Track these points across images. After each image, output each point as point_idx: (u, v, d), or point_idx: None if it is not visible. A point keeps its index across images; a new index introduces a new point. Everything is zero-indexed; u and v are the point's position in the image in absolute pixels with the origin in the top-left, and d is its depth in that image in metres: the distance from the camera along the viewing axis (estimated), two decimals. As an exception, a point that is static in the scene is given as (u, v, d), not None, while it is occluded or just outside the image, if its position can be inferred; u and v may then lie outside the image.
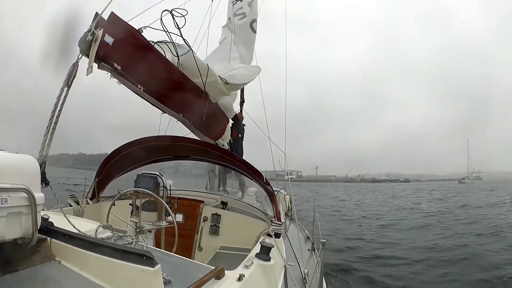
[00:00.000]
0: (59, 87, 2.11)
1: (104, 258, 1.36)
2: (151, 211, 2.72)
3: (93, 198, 3.77)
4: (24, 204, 1.29)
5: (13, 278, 1.25)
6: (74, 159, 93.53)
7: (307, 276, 3.22)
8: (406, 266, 7.97)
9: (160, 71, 2.94)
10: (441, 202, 27.06)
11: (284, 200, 6.10)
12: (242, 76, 4.24)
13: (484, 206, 21.71)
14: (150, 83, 2.91)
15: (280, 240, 2.99)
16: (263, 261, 2.20)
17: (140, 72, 2.76)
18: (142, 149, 3.84)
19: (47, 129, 2.04)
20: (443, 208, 21.11)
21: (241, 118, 6.84)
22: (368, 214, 19.49)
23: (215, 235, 4.02)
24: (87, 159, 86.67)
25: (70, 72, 2.13)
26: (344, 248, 9.67)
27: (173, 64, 3.04)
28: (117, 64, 2.54)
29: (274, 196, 3.88)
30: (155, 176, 2.80)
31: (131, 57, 2.66)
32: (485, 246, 9.47)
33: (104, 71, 2.56)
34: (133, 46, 2.67)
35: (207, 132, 4.33)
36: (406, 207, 23.52)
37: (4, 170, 1.26)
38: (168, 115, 3.64)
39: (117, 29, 2.44)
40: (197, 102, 3.49)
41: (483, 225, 13.30)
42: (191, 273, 1.60)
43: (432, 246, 9.90)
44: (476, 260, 8.05)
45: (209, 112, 3.74)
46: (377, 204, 26.93)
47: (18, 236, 1.30)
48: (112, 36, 2.39)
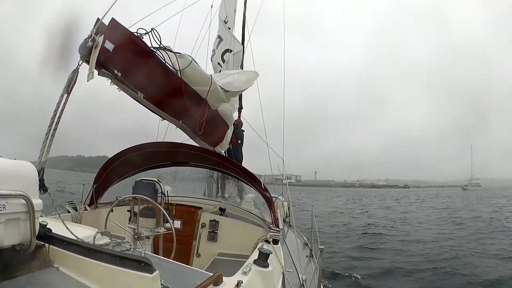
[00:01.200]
0: (59, 93, 2.11)
1: (102, 264, 1.36)
2: (149, 217, 2.72)
3: (91, 205, 3.76)
4: (22, 210, 1.30)
5: (11, 284, 1.25)
6: (73, 161, 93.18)
7: (305, 283, 3.21)
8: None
9: (161, 78, 2.92)
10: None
11: (282, 206, 6.09)
12: (240, 82, 4.25)
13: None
14: (150, 90, 2.90)
15: (278, 246, 2.99)
16: (261, 268, 2.20)
17: (140, 79, 2.75)
18: (141, 155, 3.85)
19: (46, 135, 2.05)
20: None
21: (240, 124, 6.86)
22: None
23: (213, 241, 4.01)
24: (85, 162, 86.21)
25: (70, 78, 2.13)
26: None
27: (174, 71, 3.03)
28: (117, 71, 2.54)
29: (272, 203, 3.88)
30: (153, 182, 2.81)
31: (131, 63, 2.64)
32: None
33: (104, 77, 2.55)
34: (133, 53, 2.65)
35: (206, 139, 4.33)
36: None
37: (2, 176, 1.26)
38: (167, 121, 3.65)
39: (118, 35, 2.43)
40: (197, 109, 3.49)
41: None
42: (189, 280, 1.60)
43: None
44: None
45: (209, 119, 3.75)
46: (435, 222, 18.17)
47: (16, 243, 1.30)
48: (113, 42, 2.38)
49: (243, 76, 4.51)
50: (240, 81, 4.26)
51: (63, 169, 54.55)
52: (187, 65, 3.12)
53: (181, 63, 3.09)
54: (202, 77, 3.37)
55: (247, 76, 4.61)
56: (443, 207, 28.89)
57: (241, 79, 4.35)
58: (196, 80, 3.30)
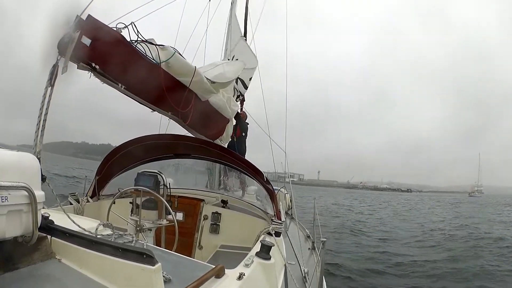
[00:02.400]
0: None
1: (104, 256, 1.35)
2: (152, 209, 2.73)
3: (94, 196, 3.77)
4: (25, 202, 1.30)
5: (13, 276, 1.25)
6: (77, 148, 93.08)
7: (307, 275, 3.22)
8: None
9: (140, 70, 3.00)
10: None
11: (284, 199, 6.10)
12: (228, 73, 4.25)
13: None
14: (130, 81, 3.00)
15: (280, 239, 2.99)
16: (263, 260, 2.20)
17: (119, 71, 2.87)
18: (143, 147, 3.85)
19: (36, 126, 2.12)
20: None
21: (245, 117, 6.86)
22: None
23: (215, 233, 4.03)
24: (89, 149, 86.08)
25: (51, 72, 2.24)
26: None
27: (155, 63, 3.10)
28: (95, 64, 2.66)
29: (274, 195, 3.88)
30: (155, 174, 2.80)
31: (109, 57, 2.75)
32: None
33: (85, 70, 2.67)
34: (111, 46, 2.74)
35: (204, 131, 4.33)
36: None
37: (4, 168, 1.26)
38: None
39: (94, 30, 2.53)
40: (185, 100, 3.53)
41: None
42: (191, 272, 1.61)
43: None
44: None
45: (202, 111, 3.77)
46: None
47: (19, 234, 1.30)
48: (90, 38, 2.48)
49: (230, 67, 4.49)
50: (228, 72, 4.25)
51: (67, 155, 54.11)
52: (169, 57, 3.21)
53: (164, 54, 3.17)
54: (186, 68, 3.43)
55: (234, 67, 4.58)
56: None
57: (229, 69, 4.34)
58: (180, 71, 3.37)
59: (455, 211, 30.40)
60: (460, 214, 26.53)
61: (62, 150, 40.20)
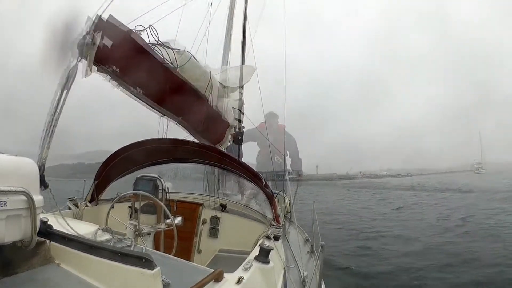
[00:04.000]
0: (55, 89, 2.11)
1: (103, 260, 1.35)
2: (150, 213, 2.73)
3: (92, 201, 3.76)
4: (23, 207, 1.30)
5: (12, 280, 1.25)
6: (73, 169, 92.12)
7: (307, 279, 3.22)
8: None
9: (159, 75, 2.93)
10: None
11: (283, 203, 6.09)
12: (238, 77, 4.26)
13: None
14: (149, 86, 2.91)
15: (279, 242, 2.99)
16: (262, 264, 2.20)
17: (139, 75, 2.75)
18: (141, 151, 3.84)
19: (46, 132, 2.05)
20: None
21: None
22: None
23: (214, 237, 4.01)
24: (86, 169, 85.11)
25: (69, 74, 2.13)
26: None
27: (173, 67, 3.03)
28: (116, 67, 2.55)
29: (273, 199, 3.88)
30: (154, 178, 2.81)
31: (129, 60, 2.64)
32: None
33: (103, 74, 2.57)
34: (132, 49, 2.65)
35: (207, 136, 4.33)
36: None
37: (3, 173, 1.26)
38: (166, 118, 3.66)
39: (116, 31, 2.43)
40: (196, 105, 3.49)
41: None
42: (190, 276, 1.60)
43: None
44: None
45: (209, 116, 3.74)
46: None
47: (18, 239, 1.30)
48: (111, 39, 2.37)
49: (241, 72, 4.51)
50: (238, 77, 4.26)
51: (63, 177, 53.47)
52: (186, 62, 3.14)
53: (180, 59, 3.10)
54: (201, 73, 3.40)
55: (245, 72, 4.60)
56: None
57: (239, 74, 4.35)
58: (195, 76, 3.32)
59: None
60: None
61: (59, 173, 39.91)
